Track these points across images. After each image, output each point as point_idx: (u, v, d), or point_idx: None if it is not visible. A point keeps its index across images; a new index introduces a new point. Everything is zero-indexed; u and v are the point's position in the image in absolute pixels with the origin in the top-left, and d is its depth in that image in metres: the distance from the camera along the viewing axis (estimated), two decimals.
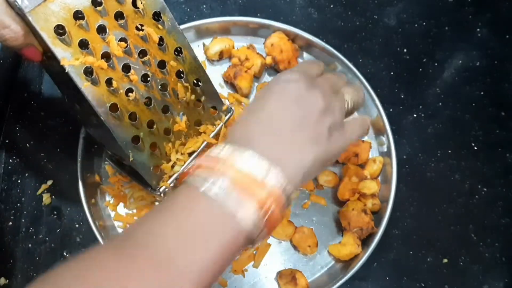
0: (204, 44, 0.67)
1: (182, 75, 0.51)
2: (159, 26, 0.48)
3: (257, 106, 0.43)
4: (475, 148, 0.67)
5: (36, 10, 0.40)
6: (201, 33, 0.67)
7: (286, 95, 0.42)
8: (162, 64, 0.49)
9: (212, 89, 0.54)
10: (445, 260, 0.62)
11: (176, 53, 0.50)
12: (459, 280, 0.61)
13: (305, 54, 0.68)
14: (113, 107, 0.46)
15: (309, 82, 0.43)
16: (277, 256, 0.60)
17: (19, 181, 0.61)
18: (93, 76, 0.43)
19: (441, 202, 0.64)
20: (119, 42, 0.45)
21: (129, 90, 0.47)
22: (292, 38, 0.66)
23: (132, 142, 0.48)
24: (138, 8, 0.45)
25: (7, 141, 0.62)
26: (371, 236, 0.59)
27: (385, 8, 0.73)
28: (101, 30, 0.44)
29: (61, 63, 0.42)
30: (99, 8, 0.43)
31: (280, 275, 0.58)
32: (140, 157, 0.49)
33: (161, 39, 0.48)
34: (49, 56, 0.42)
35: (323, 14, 0.72)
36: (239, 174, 0.36)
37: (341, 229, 0.61)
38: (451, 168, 0.66)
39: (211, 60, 0.67)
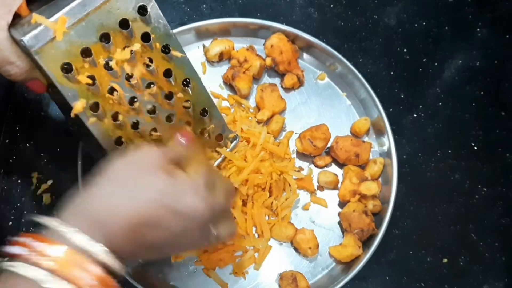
0: (204, 46, 0.67)
1: (188, 104, 0.50)
2: (168, 58, 0.47)
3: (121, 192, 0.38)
4: (475, 148, 0.67)
5: (43, 48, 0.39)
6: (201, 34, 0.67)
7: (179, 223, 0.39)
8: (169, 96, 0.48)
9: (220, 117, 0.54)
10: (445, 260, 0.62)
11: (184, 84, 0.49)
12: (459, 280, 0.61)
13: (305, 55, 0.68)
14: (118, 141, 0.45)
15: (205, 222, 0.41)
16: (278, 258, 0.60)
17: (19, 181, 0.61)
18: (99, 111, 0.43)
19: (441, 202, 0.64)
20: (125, 80, 0.44)
21: (136, 123, 0.46)
22: (292, 39, 0.66)
23: None
24: (148, 42, 0.44)
25: (7, 141, 0.62)
26: (372, 237, 0.59)
27: (385, 8, 0.73)
28: (109, 65, 0.43)
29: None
30: (107, 44, 0.42)
31: (281, 277, 0.58)
32: None
33: (169, 71, 0.47)
34: (55, 91, 0.42)
35: (323, 14, 0.72)
36: (60, 259, 0.34)
37: (342, 230, 0.61)
38: (451, 168, 0.66)
39: (211, 62, 0.67)
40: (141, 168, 0.39)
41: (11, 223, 0.59)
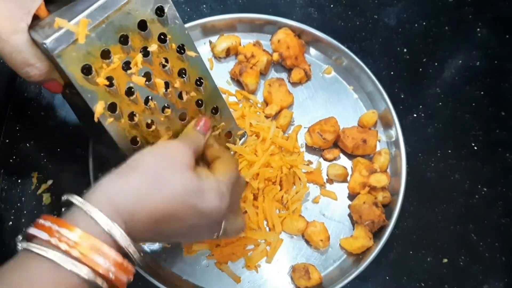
0: (210, 42, 0.67)
1: (201, 103, 0.50)
2: (182, 58, 0.47)
3: (163, 193, 0.40)
4: (475, 148, 0.67)
5: (65, 51, 0.39)
6: (207, 30, 0.67)
7: (197, 221, 0.42)
8: (183, 95, 0.48)
9: (230, 115, 0.54)
10: (445, 260, 0.62)
11: (197, 83, 0.49)
12: (459, 280, 0.61)
13: (311, 50, 0.68)
14: (134, 140, 0.46)
15: (220, 221, 0.45)
16: (289, 251, 0.60)
17: (19, 181, 0.61)
18: (116, 112, 0.43)
19: (441, 202, 0.64)
20: (143, 77, 0.44)
21: (150, 123, 0.46)
22: (298, 33, 0.66)
23: None
24: (164, 43, 0.45)
25: (7, 141, 0.62)
26: (382, 228, 0.59)
27: (385, 8, 0.73)
28: (127, 66, 0.43)
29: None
30: (126, 45, 0.42)
31: (293, 269, 0.58)
32: None
33: (183, 70, 0.47)
34: (73, 92, 0.42)
35: (323, 14, 0.72)
36: (78, 241, 0.35)
37: (352, 222, 0.62)
38: (451, 168, 0.66)
39: (218, 58, 0.67)
40: (169, 164, 0.41)
41: (11, 223, 0.59)
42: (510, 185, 0.65)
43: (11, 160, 0.62)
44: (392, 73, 0.69)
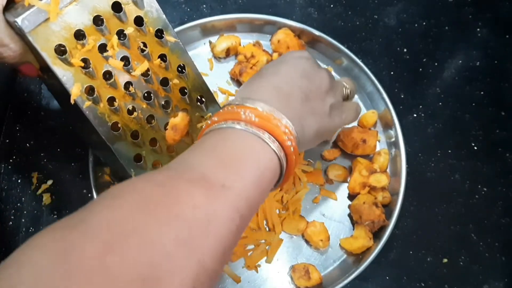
0: (210, 42, 0.67)
1: (185, 91, 0.50)
2: (162, 43, 0.47)
3: (268, 72, 0.46)
4: (475, 148, 0.67)
5: (37, 30, 0.39)
6: (207, 31, 0.67)
7: (298, 68, 0.45)
8: (165, 82, 0.48)
9: (216, 105, 0.54)
10: (445, 260, 0.62)
11: (179, 70, 0.49)
12: (459, 280, 0.61)
13: (311, 50, 0.68)
14: (115, 126, 0.45)
15: (316, 63, 0.48)
16: (289, 251, 0.60)
17: (19, 181, 0.61)
18: (94, 95, 0.43)
19: (441, 202, 0.64)
20: (120, 61, 0.44)
21: (131, 109, 0.46)
22: (298, 34, 0.67)
23: (135, 160, 0.48)
24: (141, 26, 0.45)
25: (7, 141, 0.62)
26: (382, 229, 0.59)
27: (385, 8, 0.73)
28: (103, 48, 0.43)
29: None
30: (100, 26, 0.42)
31: (293, 269, 0.58)
32: None
33: (163, 56, 0.47)
34: (49, 75, 0.42)
35: (323, 14, 0.72)
36: (258, 116, 0.39)
37: (352, 222, 0.62)
38: (451, 168, 0.66)
39: (217, 58, 0.67)
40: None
41: (11, 223, 0.59)
42: (510, 185, 0.65)
43: (11, 160, 0.62)
44: (392, 73, 0.69)
